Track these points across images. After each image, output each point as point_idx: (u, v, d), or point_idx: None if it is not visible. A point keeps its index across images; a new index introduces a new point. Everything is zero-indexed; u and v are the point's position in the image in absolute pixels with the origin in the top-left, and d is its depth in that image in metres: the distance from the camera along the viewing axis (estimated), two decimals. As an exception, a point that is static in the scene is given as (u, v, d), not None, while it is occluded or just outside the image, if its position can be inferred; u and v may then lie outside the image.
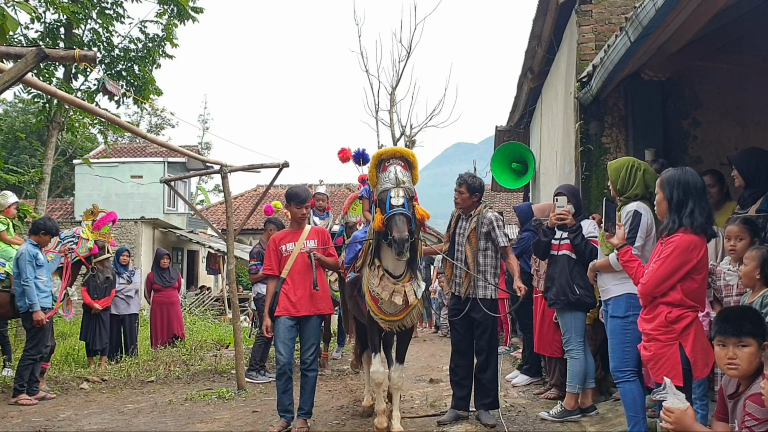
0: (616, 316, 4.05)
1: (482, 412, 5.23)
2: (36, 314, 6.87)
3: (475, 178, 5.43)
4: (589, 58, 6.20)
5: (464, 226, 5.39)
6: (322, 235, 5.47)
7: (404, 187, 4.52)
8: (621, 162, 4.29)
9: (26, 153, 24.74)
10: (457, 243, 5.41)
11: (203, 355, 9.70)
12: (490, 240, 5.28)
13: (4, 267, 7.41)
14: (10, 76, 2.91)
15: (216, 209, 27.61)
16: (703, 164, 6.13)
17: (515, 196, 20.01)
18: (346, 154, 6.69)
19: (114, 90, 4.98)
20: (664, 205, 3.29)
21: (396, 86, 20.25)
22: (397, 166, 4.58)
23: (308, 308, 5.24)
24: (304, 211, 5.37)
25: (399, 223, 4.37)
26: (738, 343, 2.70)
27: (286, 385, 5.21)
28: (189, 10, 12.28)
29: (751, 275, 3.42)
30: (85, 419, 6.20)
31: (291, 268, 5.25)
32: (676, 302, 3.17)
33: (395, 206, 4.43)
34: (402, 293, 4.68)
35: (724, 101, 6.36)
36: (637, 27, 4.41)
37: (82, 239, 7.92)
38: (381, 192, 4.59)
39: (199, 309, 17.95)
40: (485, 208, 5.44)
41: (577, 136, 6.23)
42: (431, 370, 8.22)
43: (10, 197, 8.09)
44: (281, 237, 5.42)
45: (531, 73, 8.92)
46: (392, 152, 4.67)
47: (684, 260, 3.16)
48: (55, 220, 7.73)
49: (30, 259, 6.96)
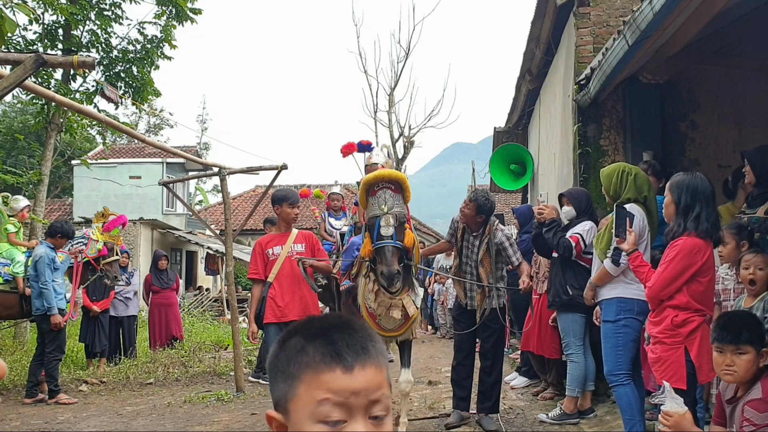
0: (608, 320, 4.06)
1: (483, 417, 5.18)
2: (54, 317, 6.98)
3: (487, 200, 5.17)
4: (587, 61, 6.22)
5: (474, 243, 5.24)
6: (310, 239, 5.37)
7: (394, 214, 4.33)
8: (612, 168, 4.31)
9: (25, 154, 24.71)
10: (465, 257, 5.28)
11: (202, 356, 9.70)
12: (502, 259, 5.23)
13: (9, 267, 7.50)
14: (8, 82, 2.91)
15: (215, 209, 27.60)
16: (701, 166, 6.15)
17: (514, 198, 20.02)
18: (351, 148, 6.25)
19: (112, 96, 4.99)
20: (672, 208, 3.31)
21: (394, 87, 20.33)
22: (386, 191, 4.38)
23: (297, 313, 5.08)
24: (296, 212, 5.28)
25: (388, 256, 4.20)
26: (736, 350, 2.71)
27: None
28: (187, 12, 12.23)
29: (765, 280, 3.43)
30: (83, 422, 6.20)
31: (278, 273, 5.12)
32: (682, 305, 3.19)
33: (384, 237, 4.27)
34: (400, 306, 4.54)
35: (721, 104, 6.37)
36: (635, 31, 4.42)
37: (92, 240, 8.03)
38: (371, 218, 4.44)
39: (197, 310, 17.94)
40: (495, 225, 5.22)
41: (575, 138, 6.24)
42: (430, 371, 8.22)
43: (22, 201, 8.20)
44: (267, 240, 5.32)
45: (529, 75, 8.93)
46: (380, 177, 4.46)
47: (688, 263, 3.19)
48: (71, 223, 7.86)
49: (49, 263, 7.08)
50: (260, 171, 7.80)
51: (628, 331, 3.95)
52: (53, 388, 7.08)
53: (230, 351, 9.65)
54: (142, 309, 11.91)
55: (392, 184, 4.42)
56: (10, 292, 7.41)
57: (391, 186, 4.41)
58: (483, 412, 5.22)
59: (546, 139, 8.62)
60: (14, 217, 7.91)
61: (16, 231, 7.85)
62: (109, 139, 23.00)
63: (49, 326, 7.03)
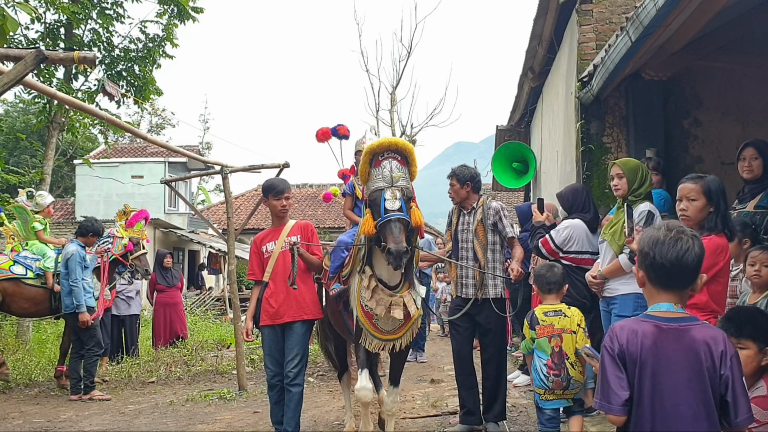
0: (623, 315, 4.02)
1: (490, 425, 4.97)
2: (82, 315, 7.10)
3: (465, 168, 5.07)
4: (589, 58, 6.20)
5: (468, 220, 5.03)
6: (306, 229, 4.86)
7: (401, 187, 3.94)
8: (635, 162, 4.28)
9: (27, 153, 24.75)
10: (461, 240, 5.03)
11: (204, 355, 9.70)
12: (497, 233, 4.98)
13: (40, 262, 7.72)
14: (9, 78, 2.90)
15: (217, 209, 27.60)
16: (704, 164, 6.13)
17: (516, 196, 19.99)
18: (327, 135, 5.66)
19: (113, 92, 4.97)
20: (706, 211, 3.30)
21: (396, 86, 20.28)
22: (392, 162, 3.98)
23: (292, 314, 4.65)
24: (284, 203, 4.78)
25: (395, 232, 3.80)
26: (737, 344, 2.69)
27: (278, 396, 4.75)
28: (189, 10, 12.24)
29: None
30: (86, 420, 6.20)
31: (273, 270, 4.70)
32: (701, 305, 3.16)
33: (390, 210, 3.86)
34: (401, 305, 4.13)
35: (725, 101, 6.35)
36: (638, 27, 4.40)
37: (117, 238, 8.22)
38: (373, 191, 3.99)
39: (200, 309, 17.94)
40: (488, 201, 5.08)
41: (578, 135, 6.22)
42: (432, 370, 8.21)
43: (47, 197, 8.38)
44: (262, 237, 4.88)
45: (532, 73, 8.91)
46: (387, 145, 4.02)
47: (712, 262, 3.17)
48: (100, 222, 8.00)
49: (80, 261, 7.21)
50: (262, 169, 7.80)
51: None
52: (89, 384, 7.19)
53: (233, 350, 9.65)
54: (145, 308, 11.91)
55: (398, 155, 4.03)
56: (40, 287, 7.65)
57: (398, 157, 4.02)
58: (489, 420, 4.99)
59: (548, 137, 8.60)
60: (39, 214, 8.10)
61: (43, 228, 8.07)
62: (111, 138, 23.02)
63: (78, 323, 7.15)
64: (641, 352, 2.10)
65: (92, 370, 7.26)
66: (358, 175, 4.59)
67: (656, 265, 2.15)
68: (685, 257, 2.12)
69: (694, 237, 2.17)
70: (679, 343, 2.09)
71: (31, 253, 7.83)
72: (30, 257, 7.78)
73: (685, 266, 2.13)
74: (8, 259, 7.71)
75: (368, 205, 4.09)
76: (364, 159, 4.04)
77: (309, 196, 27.94)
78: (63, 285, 7.25)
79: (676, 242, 2.13)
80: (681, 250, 2.12)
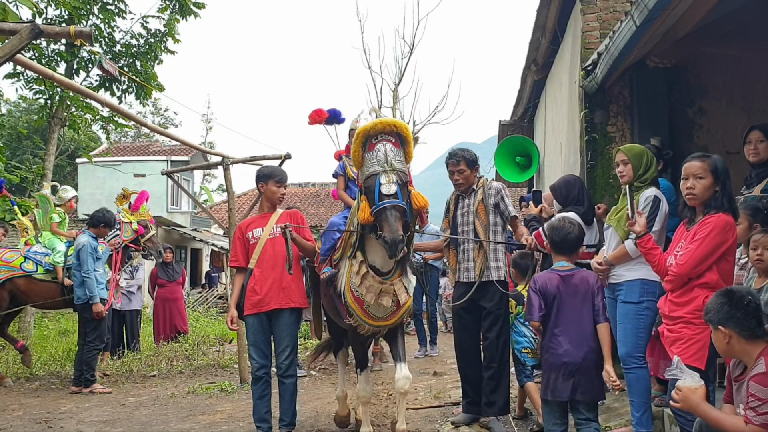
0: (630, 302, 3.97)
1: (493, 420, 4.72)
2: (95, 306, 7.10)
3: (467, 151, 4.89)
4: (593, 47, 6.14)
5: (468, 203, 4.85)
6: (295, 216, 4.76)
7: (396, 171, 3.79)
8: (640, 148, 4.20)
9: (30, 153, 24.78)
10: (461, 224, 4.85)
11: (206, 350, 9.67)
12: (499, 213, 4.80)
13: (50, 257, 7.71)
14: (4, 52, 2.87)
15: (219, 208, 27.53)
16: (709, 152, 6.06)
17: (519, 191, 19.93)
18: (321, 115, 5.06)
19: (111, 69, 4.93)
20: (712, 190, 3.26)
21: (399, 83, 20.18)
22: (387, 144, 3.82)
23: (278, 301, 4.56)
24: (283, 191, 4.73)
25: (391, 220, 3.68)
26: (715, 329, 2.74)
27: (263, 390, 4.65)
28: (191, 6, 12.25)
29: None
30: (86, 411, 6.17)
31: (259, 257, 4.58)
32: (712, 283, 3.14)
33: (386, 195, 3.73)
34: (391, 293, 4.08)
35: (730, 89, 6.29)
36: (643, 10, 4.35)
37: (125, 224, 8.20)
38: (368, 177, 3.84)
39: (202, 307, 17.91)
40: (488, 182, 4.91)
41: (582, 125, 6.17)
42: (434, 362, 8.16)
43: (70, 191, 8.43)
44: (248, 223, 4.77)
45: (535, 65, 8.86)
46: (381, 126, 3.83)
47: (722, 240, 3.15)
48: (112, 212, 7.97)
49: (91, 252, 7.21)
50: (263, 160, 7.76)
51: (650, 314, 3.88)
52: (89, 378, 7.17)
53: (234, 344, 9.61)
54: (146, 305, 11.88)
55: (392, 137, 3.86)
56: (51, 281, 7.66)
57: (392, 138, 3.86)
58: (492, 414, 4.72)
59: (552, 129, 8.55)
60: (61, 207, 8.15)
61: (60, 221, 8.08)
62: (114, 137, 23.04)
63: (90, 315, 7.16)
64: (551, 289, 3.75)
65: (92, 364, 7.24)
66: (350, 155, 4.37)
67: (554, 241, 3.88)
68: (568, 236, 3.83)
69: (574, 224, 3.96)
70: (571, 281, 3.78)
71: (43, 246, 7.84)
72: (40, 252, 7.78)
73: (570, 241, 3.85)
74: (19, 255, 7.73)
75: (363, 191, 3.94)
76: (357, 142, 3.89)
77: (311, 195, 27.95)
78: (75, 276, 7.26)
79: (563, 227, 3.86)
80: (566, 231, 3.85)
